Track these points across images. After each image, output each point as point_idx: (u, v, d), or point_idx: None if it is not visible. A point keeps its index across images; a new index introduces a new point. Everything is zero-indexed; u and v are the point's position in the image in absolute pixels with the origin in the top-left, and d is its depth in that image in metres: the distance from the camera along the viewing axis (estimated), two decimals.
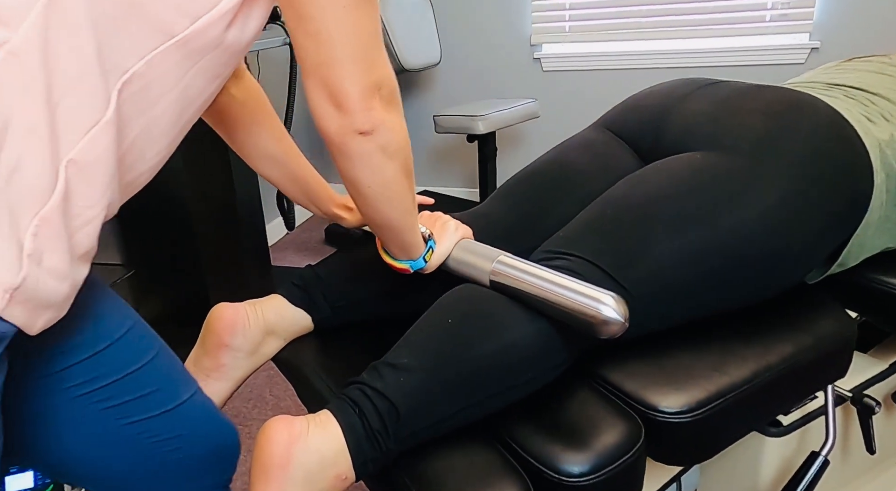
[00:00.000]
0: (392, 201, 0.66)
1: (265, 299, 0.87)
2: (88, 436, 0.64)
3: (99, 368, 0.63)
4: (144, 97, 0.49)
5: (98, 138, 0.47)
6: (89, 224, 0.48)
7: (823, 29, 2.43)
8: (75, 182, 0.46)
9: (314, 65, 0.56)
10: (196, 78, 0.53)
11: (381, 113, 0.59)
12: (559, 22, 2.72)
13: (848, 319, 0.83)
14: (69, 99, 0.45)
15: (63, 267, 0.46)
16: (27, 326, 0.46)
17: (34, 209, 0.44)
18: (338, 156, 0.61)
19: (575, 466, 0.63)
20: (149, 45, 0.48)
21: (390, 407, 0.64)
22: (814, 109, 0.84)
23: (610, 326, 0.65)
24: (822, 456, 0.87)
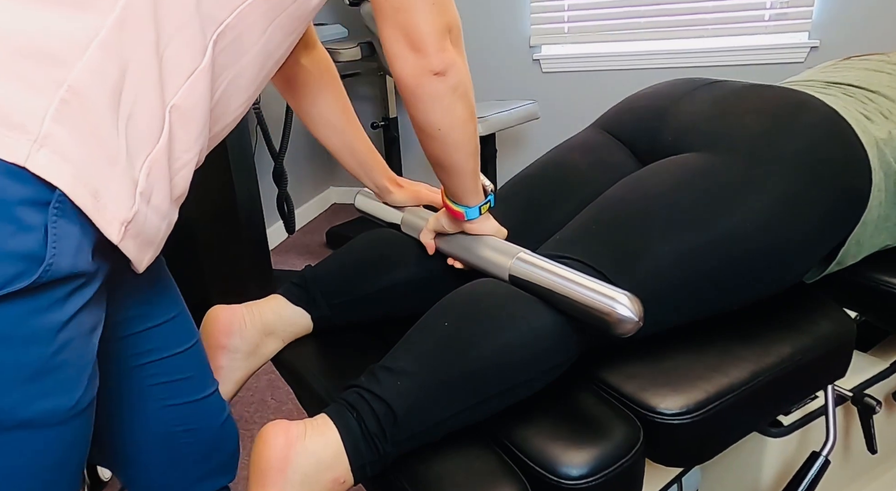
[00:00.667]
0: (459, 143, 0.69)
1: (264, 300, 0.88)
2: (132, 413, 0.68)
3: (158, 340, 0.67)
4: (235, 48, 0.53)
5: (196, 85, 0.50)
6: (185, 167, 0.52)
7: (822, 28, 2.43)
8: (177, 127, 0.50)
9: (393, 9, 0.59)
10: (276, 32, 0.56)
11: (453, 54, 0.63)
12: (558, 23, 2.72)
13: (847, 319, 0.83)
14: (173, 47, 0.48)
15: (165, 206, 0.51)
16: (137, 259, 0.50)
17: (147, 150, 0.47)
18: (412, 98, 0.65)
19: (573, 468, 0.63)
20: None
21: (387, 410, 0.64)
22: (811, 108, 0.83)
23: (624, 324, 0.66)
24: (822, 456, 0.87)
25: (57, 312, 0.44)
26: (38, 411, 0.45)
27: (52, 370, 0.45)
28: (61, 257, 0.43)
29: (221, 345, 0.81)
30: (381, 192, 0.94)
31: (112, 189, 0.45)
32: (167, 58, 0.48)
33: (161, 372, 0.67)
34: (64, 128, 0.42)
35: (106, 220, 0.45)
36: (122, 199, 0.46)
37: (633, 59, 2.67)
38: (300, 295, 0.88)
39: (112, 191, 0.45)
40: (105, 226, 0.45)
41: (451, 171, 0.73)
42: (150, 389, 0.67)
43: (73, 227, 0.44)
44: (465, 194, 0.77)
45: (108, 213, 0.45)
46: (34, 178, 0.41)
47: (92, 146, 0.44)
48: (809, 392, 0.86)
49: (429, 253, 0.87)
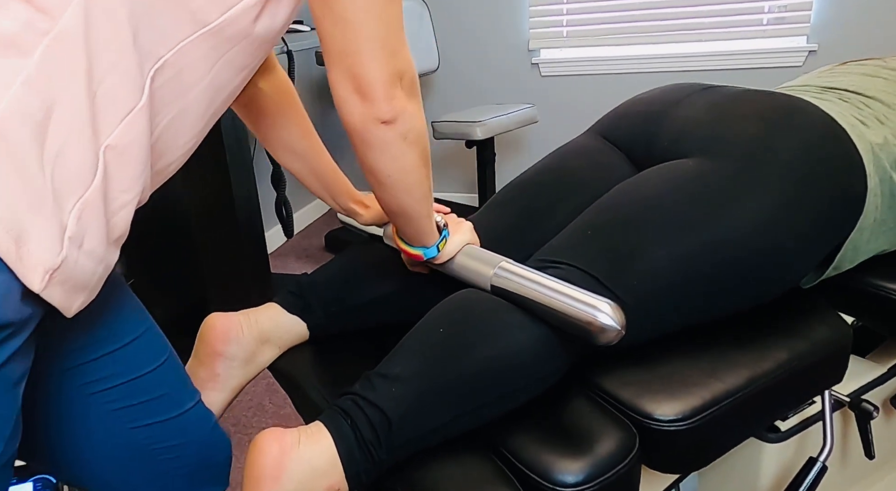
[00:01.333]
0: (410, 189, 0.67)
1: (260, 308, 0.87)
2: (98, 437, 0.66)
3: (115, 366, 0.64)
4: (177, 85, 0.51)
5: (133, 124, 0.48)
6: (124, 208, 0.50)
7: (821, 31, 2.43)
8: (113, 167, 0.47)
9: (340, 53, 0.57)
10: (225, 68, 0.54)
11: (403, 101, 0.60)
12: (557, 27, 2.72)
13: (843, 324, 0.82)
14: (107, 85, 0.46)
15: (100, 249, 0.48)
16: (65, 307, 0.47)
17: (78, 193, 0.45)
18: (359, 144, 0.62)
19: (569, 475, 0.63)
20: (181, 34, 0.49)
21: (382, 417, 0.64)
22: (806, 114, 0.84)
23: (607, 333, 0.65)
24: (820, 462, 0.87)
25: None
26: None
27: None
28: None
29: (219, 352, 0.81)
30: (348, 214, 0.93)
31: (37, 234, 0.43)
32: (101, 96, 0.46)
33: (124, 396, 0.65)
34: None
35: (27, 268, 0.43)
36: (49, 245, 0.43)
37: (632, 63, 2.68)
38: (296, 303, 0.88)
39: (37, 236, 0.43)
40: (26, 274, 0.43)
41: (403, 215, 0.71)
42: (113, 413, 0.65)
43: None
44: (419, 237, 0.76)
45: (31, 259, 0.43)
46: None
47: (14, 189, 0.42)
48: (806, 397, 0.86)
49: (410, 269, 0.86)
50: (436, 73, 2.89)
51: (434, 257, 0.78)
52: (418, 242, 0.77)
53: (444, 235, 0.79)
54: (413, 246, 0.78)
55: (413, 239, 0.76)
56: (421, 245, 0.77)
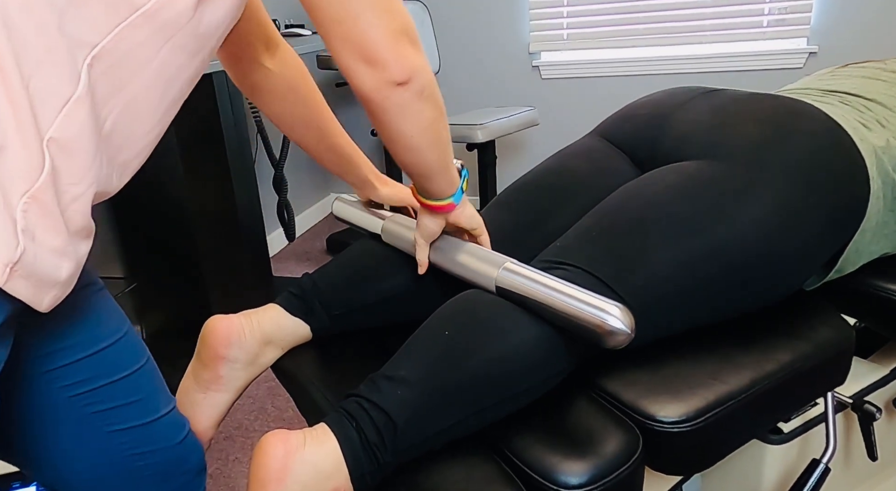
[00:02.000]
0: (433, 144, 0.65)
1: (262, 309, 0.87)
2: (74, 439, 0.65)
3: (94, 369, 0.63)
4: (117, 74, 0.49)
5: (73, 115, 0.46)
6: (77, 200, 0.48)
7: (821, 33, 2.44)
8: (59, 159, 0.46)
9: (336, 21, 0.54)
10: (173, 55, 0.51)
11: (413, 58, 0.57)
12: (557, 30, 2.73)
13: (846, 326, 0.83)
14: (39, 76, 0.45)
15: (59, 243, 0.47)
16: (34, 301, 0.47)
17: (23, 187, 0.44)
18: (378, 111, 0.60)
19: (573, 476, 0.63)
20: (113, 20, 0.47)
21: (387, 420, 0.64)
22: (809, 117, 0.84)
23: (616, 336, 0.65)
24: (823, 463, 0.87)
25: None
26: None
27: None
28: None
29: (220, 355, 0.81)
30: (366, 187, 0.90)
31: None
32: (34, 88, 0.44)
33: (103, 399, 0.64)
34: None
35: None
36: (5, 240, 0.43)
37: (632, 66, 2.68)
38: (298, 305, 0.88)
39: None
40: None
41: (429, 172, 0.69)
42: (91, 417, 0.64)
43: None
44: (445, 188, 0.73)
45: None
46: None
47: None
48: (809, 399, 0.86)
49: (420, 272, 0.84)
50: (436, 75, 2.89)
51: (461, 200, 0.77)
52: (445, 194, 0.74)
53: (464, 175, 0.77)
54: (440, 198, 0.75)
55: (441, 192, 0.74)
56: (450, 194, 0.75)
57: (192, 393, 0.84)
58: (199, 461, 0.76)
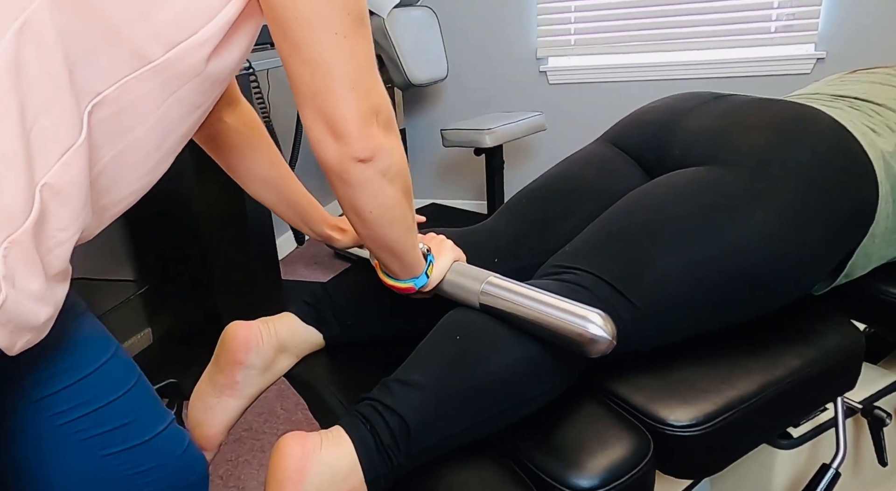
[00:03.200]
0: (393, 223, 0.66)
1: (277, 317, 0.89)
2: (70, 467, 0.64)
3: (82, 395, 0.63)
4: (118, 122, 0.49)
5: (72, 162, 0.47)
6: (61, 246, 0.48)
7: (829, 39, 2.44)
8: (50, 205, 0.46)
9: (310, 93, 0.55)
10: (175, 106, 0.52)
11: (380, 139, 0.59)
12: (564, 35, 2.74)
13: (855, 331, 0.83)
14: (42, 123, 0.45)
15: (38, 288, 0.46)
16: (7, 347, 0.46)
17: (6, 232, 0.44)
18: (338, 183, 0.61)
19: (584, 479, 0.64)
20: (122, 71, 0.48)
21: (401, 423, 0.65)
22: (817, 122, 0.84)
23: (598, 344, 0.65)
24: (833, 468, 0.87)
25: None
26: None
27: None
28: None
29: (239, 361, 0.82)
30: (325, 240, 0.92)
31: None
32: (35, 135, 0.44)
33: (94, 424, 0.64)
34: None
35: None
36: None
37: (639, 71, 2.69)
38: (312, 314, 0.89)
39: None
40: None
41: (388, 249, 0.70)
42: (83, 443, 0.64)
43: None
44: (406, 269, 0.74)
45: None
46: None
47: None
48: (819, 404, 0.86)
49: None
50: (444, 81, 2.91)
51: (424, 285, 0.77)
52: (407, 275, 0.75)
53: (430, 260, 0.77)
54: (401, 280, 0.76)
55: (401, 273, 0.74)
56: (410, 277, 0.75)
57: (207, 397, 0.85)
58: (203, 470, 0.76)
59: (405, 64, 2.48)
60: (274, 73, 2.46)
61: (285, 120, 2.54)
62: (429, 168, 3.19)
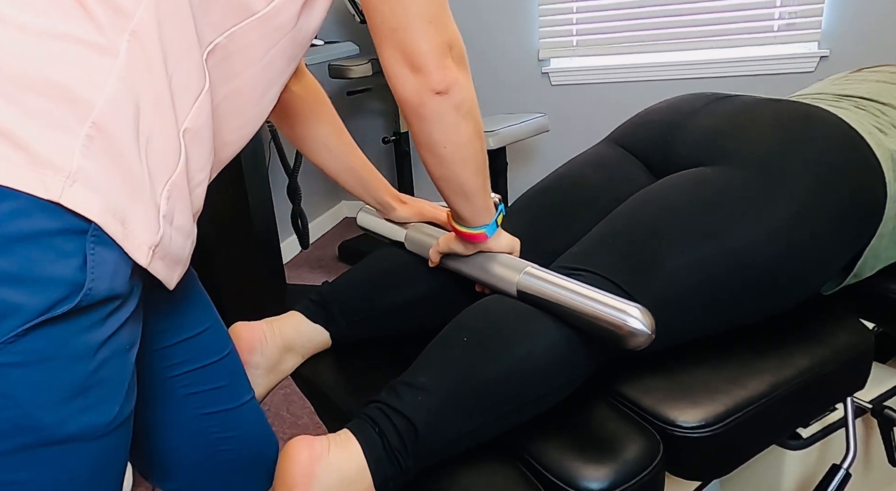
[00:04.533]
0: (466, 161, 0.68)
1: (283, 317, 0.89)
2: (171, 417, 0.69)
3: (192, 351, 0.68)
4: (228, 67, 0.54)
5: (202, 107, 0.51)
6: (200, 186, 0.54)
7: (832, 37, 2.43)
8: (191, 148, 0.51)
9: (390, 29, 0.59)
10: (277, 57, 0.56)
11: (455, 72, 0.61)
12: (567, 36, 2.74)
13: (865, 331, 0.83)
14: (179, 72, 0.49)
15: (188, 225, 0.52)
16: (167, 279, 0.51)
17: (167, 175, 0.49)
18: (414, 118, 0.63)
19: (594, 482, 0.64)
20: (231, 21, 0.52)
21: (409, 426, 0.65)
22: (824, 122, 0.84)
23: (636, 337, 0.66)
24: (843, 469, 0.86)
25: (96, 332, 0.46)
26: (80, 426, 0.47)
27: (93, 387, 0.47)
28: (99, 282, 0.45)
29: (244, 361, 0.82)
30: (384, 209, 0.94)
31: (138, 216, 0.47)
32: (175, 83, 0.49)
33: (197, 381, 0.69)
34: (92, 162, 0.44)
35: (135, 245, 0.47)
36: (149, 224, 0.48)
37: (642, 71, 2.69)
38: (318, 312, 0.89)
39: (139, 217, 0.47)
40: (134, 251, 0.47)
41: (460, 190, 0.71)
42: (186, 398, 0.69)
43: (109, 252, 0.46)
44: (478, 214, 0.75)
45: (136, 238, 0.47)
46: (69, 211, 0.43)
47: (118, 177, 0.46)
48: (828, 404, 0.86)
49: (429, 265, 0.86)
50: None
51: (496, 232, 0.78)
52: (477, 221, 0.75)
53: (501, 209, 0.79)
54: (472, 227, 0.76)
55: (472, 218, 0.75)
56: (481, 224, 0.76)
57: None
58: (275, 452, 0.78)
59: None
60: None
61: None
62: None
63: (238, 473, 0.74)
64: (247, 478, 0.75)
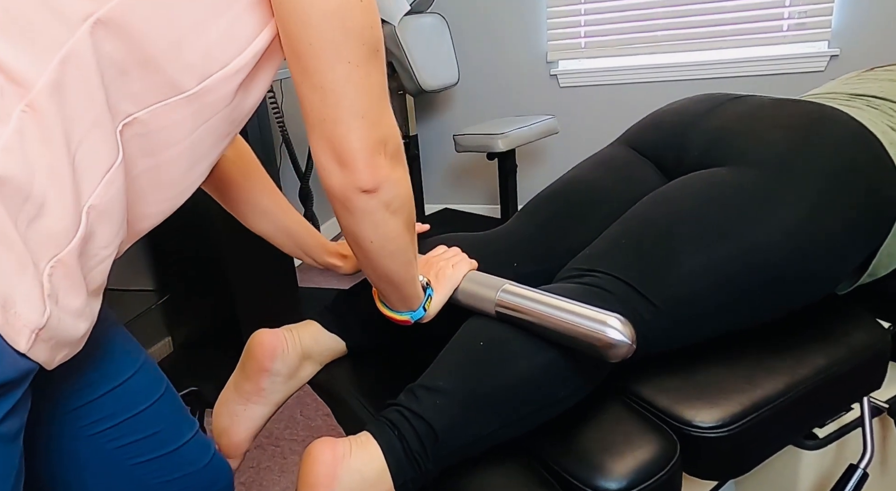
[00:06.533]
0: (394, 255, 0.66)
1: (301, 325, 0.89)
2: (102, 477, 0.66)
3: (114, 405, 0.64)
4: (147, 141, 0.50)
5: (113, 181, 0.48)
6: (102, 263, 0.50)
7: (842, 36, 2.42)
8: (95, 225, 0.47)
9: (319, 120, 0.55)
10: (208, 134, 0.53)
11: (386, 170, 0.58)
12: (575, 38, 2.75)
13: (881, 330, 0.82)
14: (85, 146, 0.46)
15: (79, 304, 0.48)
16: (47, 362, 0.47)
17: (52, 252, 0.45)
18: (340, 211, 0.61)
19: (612, 482, 0.64)
20: (154, 98, 0.49)
21: (428, 428, 0.65)
22: (837, 122, 0.84)
23: (617, 348, 0.64)
24: (861, 469, 0.86)
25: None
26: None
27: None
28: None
29: (265, 368, 0.83)
30: (328, 268, 0.92)
31: (22, 297, 0.43)
32: (80, 158, 0.45)
33: (126, 433, 0.65)
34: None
35: (16, 330, 0.43)
36: (33, 305, 0.44)
37: (651, 72, 2.68)
38: (334, 321, 0.90)
39: (22, 298, 0.43)
40: (14, 336, 0.43)
41: (387, 281, 0.69)
42: (115, 452, 0.65)
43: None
44: (404, 301, 0.74)
45: (18, 321, 0.43)
46: None
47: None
48: (845, 404, 0.86)
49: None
50: (456, 86, 2.92)
51: (421, 318, 0.77)
52: (404, 307, 0.75)
53: (429, 294, 0.77)
54: (399, 311, 0.76)
55: (398, 304, 0.74)
56: (407, 309, 0.75)
57: (232, 405, 0.86)
58: (228, 479, 0.77)
59: (417, 70, 2.50)
60: (287, 82, 2.48)
61: (300, 130, 2.56)
62: (442, 173, 3.20)
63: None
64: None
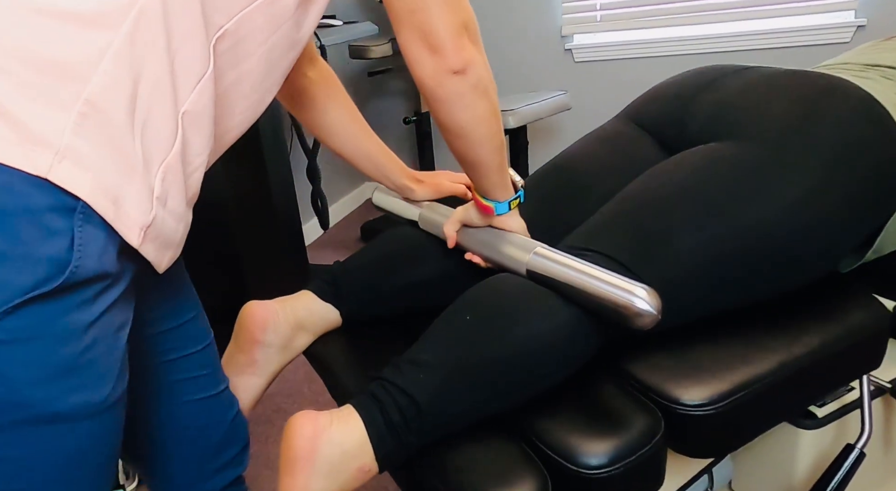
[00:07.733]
0: (483, 139, 0.70)
1: (295, 296, 0.90)
2: (158, 406, 0.70)
3: (182, 339, 0.70)
4: (235, 53, 0.54)
5: (204, 90, 0.52)
6: (197, 170, 0.54)
7: (870, 5, 2.33)
8: (189, 132, 0.51)
9: (407, 11, 0.60)
10: (280, 41, 0.58)
11: (471, 50, 0.63)
12: (590, 11, 2.68)
13: (881, 308, 0.80)
14: (182, 54, 0.50)
15: (181, 208, 0.53)
16: (157, 262, 0.52)
17: (162, 156, 0.49)
18: (433, 99, 0.65)
19: (593, 457, 0.64)
20: (239, 5, 0.53)
21: (410, 402, 0.66)
22: (843, 94, 0.81)
23: (643, 317, 0.66)
24: (857, 448, 0.85)
25: (85, 311, 0.47)
26: (71, 405, 0.47)
27: (83, 366, 0.47)
28: (87, 260, 0.45)
29: (257, 340, 0.84)
30: (403, 191, 0.95)
31: (131, 196, 0.47)
32: (177, 65, 0.49)
33: (185, 368, 0.71)
34: (83, 140, 0.44)
35: (126, 225, 0.47)
36: (141, 205, 0.48)
37: (669, 46, 2.61)
38: (329, 291, 0.90)
39: (131, 197, 0.47)
40: (125, 231, 0.47)
41: (477, 167, 0.74)
42: (174, 384, 0.70)
43: (97, 231, 0.46)
44: (493, 189, 0.77)
45: (128, 219, 0.47)
46: (57, 188, 0.43)
47: (110, 156, 0.46)
48: (841, 383, 0.85)
49: (449, 246, 0.87)
50: None
51: (503, 214, 0.80)
52: (492, 195, 0.78)
53: (519, 194, 0.80)
54: (486, 198, 0.79)
55: (486, 192, 0.78)
56: (494, 199, 0.78)
57: (229, 376, 0.87)
58: (246, 438, 0.81)
59: None
60: None
61: None
62: None
63: (209, 459, 0.76)
64: (217, 464, 0.77)
